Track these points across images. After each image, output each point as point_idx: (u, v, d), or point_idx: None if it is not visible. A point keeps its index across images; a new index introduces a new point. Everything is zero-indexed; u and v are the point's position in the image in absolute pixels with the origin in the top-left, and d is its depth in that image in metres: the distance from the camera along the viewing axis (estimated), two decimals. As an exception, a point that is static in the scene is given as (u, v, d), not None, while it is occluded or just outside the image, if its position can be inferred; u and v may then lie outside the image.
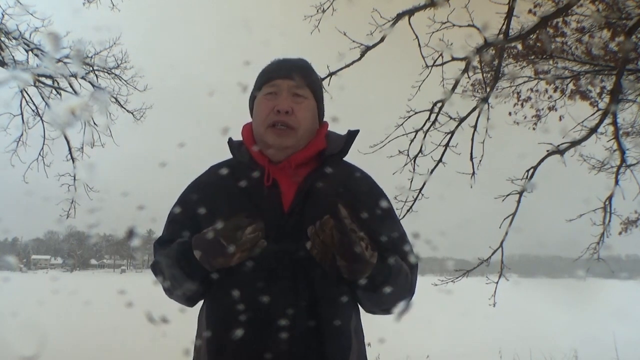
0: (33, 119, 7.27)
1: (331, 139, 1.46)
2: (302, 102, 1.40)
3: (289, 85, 1.40)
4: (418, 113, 5.61)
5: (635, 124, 7.06)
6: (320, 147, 1.42)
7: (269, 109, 1.38)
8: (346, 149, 1.45)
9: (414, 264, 1.41)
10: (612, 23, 5.80)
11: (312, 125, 1.43)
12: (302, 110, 1.40)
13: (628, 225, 7.26)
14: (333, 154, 1.43)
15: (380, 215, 1.40)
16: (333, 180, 1.38)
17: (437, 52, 5.44)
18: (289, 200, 1.35)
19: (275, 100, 1.39)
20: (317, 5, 5.68)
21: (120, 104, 7.59)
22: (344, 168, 1.45)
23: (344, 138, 1.47)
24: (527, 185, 5.81)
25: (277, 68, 1.44)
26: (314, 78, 1.48)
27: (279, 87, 1.40)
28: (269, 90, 1.41)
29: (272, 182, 1.36)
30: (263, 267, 1.28)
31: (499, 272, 5.85)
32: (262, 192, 1.36)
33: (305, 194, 1.35)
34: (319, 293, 1.29)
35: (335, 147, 1.44)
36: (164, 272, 1.35)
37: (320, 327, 1.27)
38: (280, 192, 1.36)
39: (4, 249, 75.16)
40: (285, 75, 1.41)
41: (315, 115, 1.45)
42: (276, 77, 1.41)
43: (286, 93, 1.39)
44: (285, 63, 1.45)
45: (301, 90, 1.41)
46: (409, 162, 5.68)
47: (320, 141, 1.44)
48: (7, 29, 6.46)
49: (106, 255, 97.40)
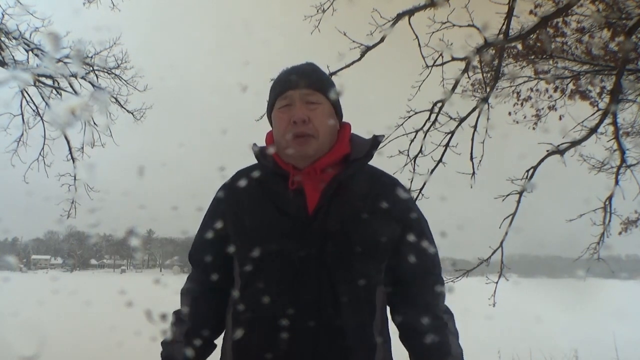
0: (33, 119, 7.29)
1: (355, 143, 1.46)
2: (317, 108, 1.41)
3: (301, 94, 1.41)
4: (418, 113, 5.61)
5: (635, 124, 7.06)
6: (345, 152, 1.43)
7: (286, 121, 1.39)
8: (371, 153, 1.45)
9: (440, 295, 1.45)
10: (612, 23, 5.80)
11: (331, 128, 1.43)
12: (318, 116, 1.40)
13: (628, 225, 7.26)
14: (358, 158, 1.43)
15: (409, 226, 1.41)
16: (359, 183, 1.40)
17: (437, 52, 5.44)
18: (313, 203, 1.36)
19: (290, 112, 1.39)
20: (317, 5, 5.68)
21: (120, 104, 7.61)
22: (370, 171, 1.46)
23: (369, 142, 1.46)
24: (527, 185, 5.81)
25: (286, 79, 1.44)
26: (325, 81, 1.47)
27: (291, 98, 1.41)
28: (283, 103, 1.42)
29: (296, 185, 1.38)
30: (288, 269, 1.30)
31: (499, 272, 5.85)
32: (287, 196, 1.37)
33: (331, 196, 1.36)
34: (343, 296, 1.30)
35: (359, 152, 1.43)
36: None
37: (344, 329, 1.29)
38: (305, 195, 1.37)
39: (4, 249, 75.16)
40: (296, 85, 1.42)
41: (333, 118, 1.45)
42: (287, 89, 1.42)
43: (299, 102, 1.40)
44: (293, 72, 1.46)
45: (314, 97, 1.41)
46: (409, 162, 5.68)
47: (345, 145, 1.44)
48: (7, 29, 6.46)
49: (106, 255, 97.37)
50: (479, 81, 6.56)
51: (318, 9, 5.68)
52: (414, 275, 1.41)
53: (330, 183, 1.37)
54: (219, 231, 1.43)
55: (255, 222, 1.36)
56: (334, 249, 1.31)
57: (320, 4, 5.67)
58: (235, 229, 1.39)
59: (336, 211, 1.34)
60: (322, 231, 1.32)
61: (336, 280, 1.30)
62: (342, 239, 1.32)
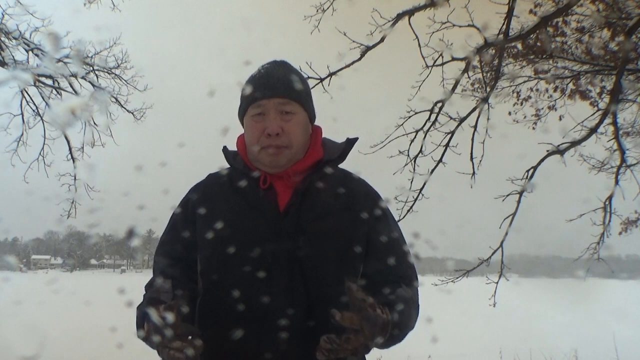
0: (33, 118, 7.28)
1: (328, 147, 1.45)
2: (291, 118, 1.37)
3: (275, 103, 1.36)
4: (418, 113, 5.62)
5: (635, 124, 7.06)
6: (318, 157, 1.42)
7: (259, 131, 1.36)
8: (344, 155, 1.44)
9: (413, 275, 1.39)
10: (612, 23, 5.80)
11: (305, 137, 1.42)
12: (293, 127, 1.37)
13: (628, 225, 7.26)
14: (331, 160, 1.42)
15: (378, 217, 1.40)
16: (330, 182, 1.39)
17: (437, 52, 5.45)
18: (285, 200, 1.35)
19: (264, 122, 1.36)
20: (317, 5, 5.69)
21: (120, 104, 7.59)
22: (341, 171, 1.46)
23: (341, 146, 1.45)
24: (527, 185, 5.81)
25: (260, 87, 1.38)
26: (300, 88, 1.42)
27: (265, 107, 1.36)
28: (256, 111, 1.38)
29: (268, 184, 1.37)
30: (259, 267, 1.28)
31: (499, 272, 5.85)
32: (258, 193, 1.36)
33: (302, 194, 1.35)
34: (315, 293, 1.29)
35: (332, 155, 1.43)
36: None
37: (316, 328, 1.27)
38: (276, 193, 1.36)
39: (4, 249, 75.27)
40: (270, 94, 1.37)
41: (307, 126, 1.44)
42: (260, 98, 1.37)
43: (274, 113, 1.36)
44: (268, 80, 1.39)
45: (288, 107, 1.37)
46: (409, 163, 5.69)
47: (317, 151, 1.43)
48: (7, 29, 6.46)
49: (106, 255, 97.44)
50: (479, 81, 6.56)
51: (318, 9, 5.68)
52: (386, 270, 1.38)
53: (302, 182, 1.36)
54: (189, 226, 1.40)
55: (226, 220, 1.33)
56: (305, 246, 1.30)
57: (320, 4, 5.68)
58: (205, 227, 1.35)
59: (308, 208, 1.34)
60: (294, 228, 1.31)
61: (308, 276, 1.29)
62: (313, 236, 1.31)
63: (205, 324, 1.34)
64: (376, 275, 1.36)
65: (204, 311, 1.36)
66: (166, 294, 1.28)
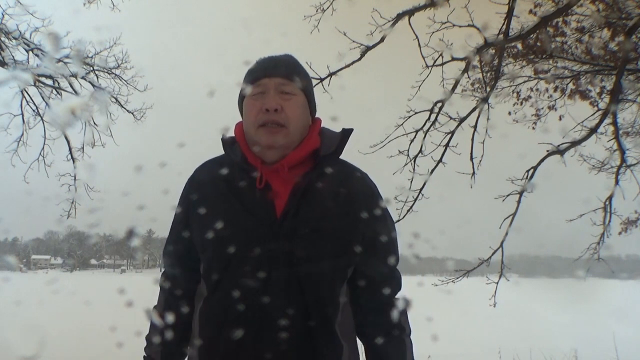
0: (33, 119, 7.29)
1: (325, 136, 1.43)
2: (291, 98, 1.37)
3: (276, 83, 1.37)
4: (418, 113, 5.62)
5: (635, 124, 7.06)
6: (314, 146, 1.39)
7: (257, 109, 1.36)
8: (340, 147, 1.42)
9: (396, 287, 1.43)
10: (612, 23, 5.80)
11: (303, 121, 1.40)
12: (291, 106, 1.36)
13: (628, 225, 7.26)
14: (328, 154, 1.39)
15: (375, 218, 1.39)
16: (328, 180, 1.36)
17: (437, 52, 5.45)
18: (282, 202, 1.33)
19: (263, 100, 1.36)
20: (317, 5, 5.69)
21: (120, 104, 7.60)
22: (341, 168, 1.43)
23: (338, 136, 1.43)
24: (527, 185, 5.81)
25: (262, 67, 1.41)
26: (301, 73, 1.43)
27: (265, 86, 1.37)
28: (256, 91, 1.38)
29: (264, 184, 1.34)
30: (256, 269, 1.28)
31: (499, 272, 5.86)
32: (255, 196, 1.34)
33: (300, 196, 1.33)
34: (312, 295, 1.29)
35: (329, 146, 1.40)
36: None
37: (313, 329, 1.28)
38: (273, 194, 1.34)
39: (4, 249, 75.26)
40: (271, 74, 1.38)
41: (306, 111, 1.42)
42: (262, 77, 1.38)
43: (273, 91, 1.36)
44: (270, 61, 1.42)
45: (288, 87, 1.37)
46: (409, 162, 5.68)
47: (314, 139, 1.40)
48: (7, 29, 6.46)
49: (106, 255, 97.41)
50: (479, 81, 6.56)
51: (318, 9, 5.69)
52: (376, 277, 1.39)
53: (299, 183, 1.34)
54: (189, 225, 1.40)
55: (221, 224, 1.32)
56: (302, 251, 1.29)
57: (320, 4, 5.68)
58: (203, 228, 1.34)
59: (305, 213, 1.32)
60: (291, 233, 1.29)
61: (304, 281, 1.28)
62: (310, 241, 1.30)
63: (202, 327, 1.34)
64: (364, 282, 1.39)
65: (201, 314, 1.36)
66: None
